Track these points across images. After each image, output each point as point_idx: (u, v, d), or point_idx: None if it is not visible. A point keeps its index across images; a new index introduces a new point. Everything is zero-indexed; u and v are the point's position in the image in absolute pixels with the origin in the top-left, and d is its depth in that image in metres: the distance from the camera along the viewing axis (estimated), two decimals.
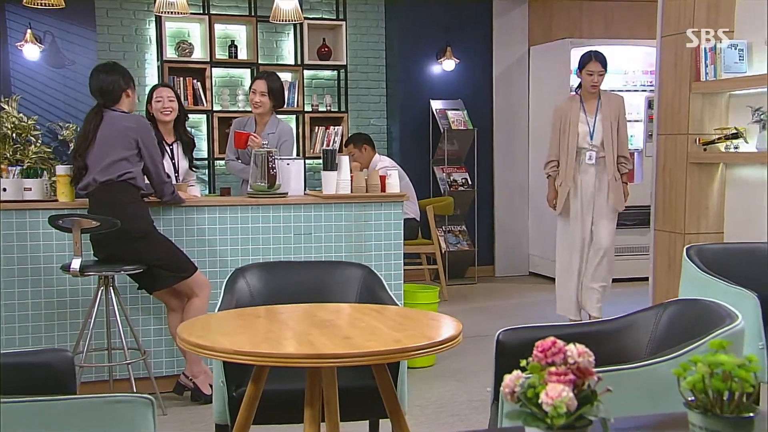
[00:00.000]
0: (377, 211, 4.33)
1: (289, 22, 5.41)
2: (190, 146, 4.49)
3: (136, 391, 3.67)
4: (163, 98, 4.33)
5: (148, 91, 4.53)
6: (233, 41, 6.94)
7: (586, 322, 4.55)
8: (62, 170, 3.92)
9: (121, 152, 3.72)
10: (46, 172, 4.19)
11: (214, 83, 6.88)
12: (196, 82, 6.77)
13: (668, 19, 5.09)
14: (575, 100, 5.30)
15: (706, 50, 4.75)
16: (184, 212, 4.09)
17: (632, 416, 1.50)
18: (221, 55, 6.90)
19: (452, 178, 7.38)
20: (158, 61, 6.75)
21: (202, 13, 6.80)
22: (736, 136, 4.68)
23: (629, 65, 7.41)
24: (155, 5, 4.86)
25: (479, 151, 7.41)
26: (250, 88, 4.86)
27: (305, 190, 4.55)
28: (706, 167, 4.92)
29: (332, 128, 7.16)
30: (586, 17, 7.77)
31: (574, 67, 7.20)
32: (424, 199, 6.93)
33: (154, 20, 6.75)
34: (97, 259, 3.79)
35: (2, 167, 4.18)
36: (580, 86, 5.33)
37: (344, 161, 4.32)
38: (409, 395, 3.01)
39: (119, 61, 5.84)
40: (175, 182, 4.20)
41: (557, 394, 1.17)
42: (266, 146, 4.33)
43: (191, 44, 6.82)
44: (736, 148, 4.74)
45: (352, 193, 4.29)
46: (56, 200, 3.95)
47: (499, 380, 1.24)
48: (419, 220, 6.50)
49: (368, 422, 2.88)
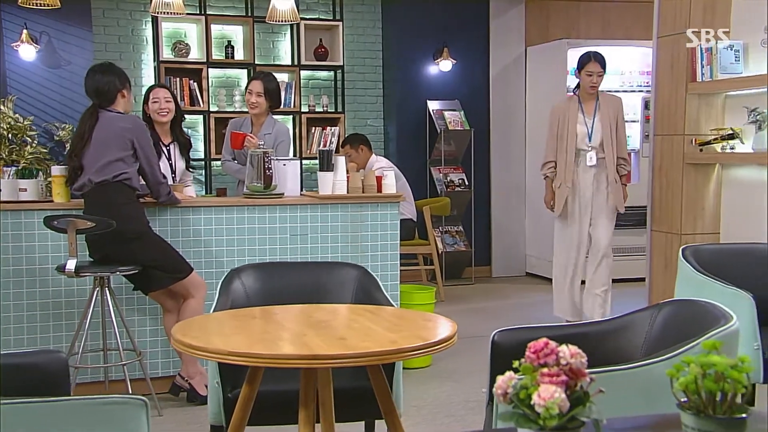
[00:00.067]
0: (373, 211, 4.33)
1: (285, 22, 5.41)
2: (186, 147, 4.49)
3: (131, 392, 3.67)
4: (159, 99, 4.32)
5: (144, 91, 4.52)
6: (230, 42, 6.94)
7: (581, 322, 4.54)
8: (57, 171, 3.91)
9: (116, 153, 3.71)
10: (41, 172, 4.19)
11: (210, 84, 6.87)
12: (192, 82, 6.76)
13: (664, 19, 5.10)
14: (573, 100, 5.28)
15: (702, 51, 4.75)
16: (179, 213, 4.08)
17: (625, 417, 1.50)
18: (218, 55, 6.89)
19: (449, 178, 7.37)
20: (155, 61, 6.74)
21: (198, 13, 6.80)
22: (732, 136, 4.69)
23: (626, 66, 7.42)
24: (151, 5, 4.86)
25: (476, 151, 7.41)
26: (246, 88, 4.86)
27: (302, 190, 4.55)
28: (702, 168, 4.93)
29: (329, 129, 7.15)
30: (583, 18, 7.77)
31: (571, 67, 7.21)
32: (420, 199, 6.92)
33: (150, 21, 6.74)
34: (92, 259, 3.79)
35: None
36: (578, 87, 5.30)
37: (340, 162, 4.32)
38: (405, 396, 3.01)
39: (115, 61, 5.83)
40: (171, 183, 4.19)
41: (549, 395, 1.16)
42: (262, 147, 4.33)
43: (188, 45, 6.81)
44: (732, 148, 4.75)
45: (348, 193, 4.29)
46: (51, 201, 3.94)
47: (494, 381, 1.24)
48: (416, 220, 6.50)
49: (364, 423, 2.88)
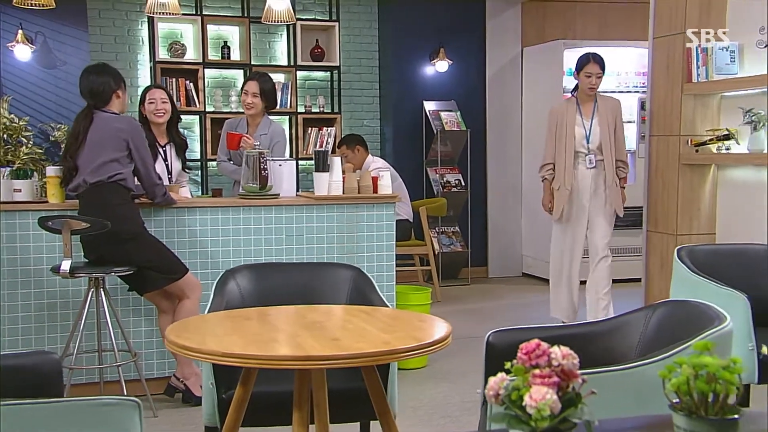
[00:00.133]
0: (369, 212, 4.33)
1: (281, 23, 5.40)
2: (182, 147, 4.48)
3: (126, 393, 3.66)
4: (156, 100, 4.31)
5: (140, 92, 4.51)
6: (226, 42, 6.93)
7: (577, 323, 4.54)
8: (52, 171, 3.90)
9: (111, 153, 3.70)
10: (36, 173, 4.18)
11: (206, 84, 6.87)
12: (188, 83, 6.76)
13: (660, 20, 5.10)
14: (572, 102, 5.23)
15: (697, 51, 4.75)
16: (175, 213, 4.07)
17: (617, 418, 1.50)
18: (214, 56, 6.88)
19: (445, 179, 7.37)
20: (151, 62, 6.74)
21: (194, 14, 6.79)
22: (727, 137, 4.69)
23: (622, 66, 7.42)
24: (146, 6, 4.85)
25: (472, 152, 7.41)
26: (242, 89, 4.85)
27: (298, 191, 4.54)
28: (698, 168, 4.93)
29: (325, 129, 7.15)
30: (579, 18, 7.77)
31: (567, 68, 7.21)
32: (417, 200, 6.92)
33: (146, 21, 6.74)
34: (87, 260, 3.78)
35: None
36: (576, 88, 5.25)
37: (336, 162, 4.31)
38: (401, 396, 3.01)
39: (111, 62, 5.84)
40: (167, 184, 4.18)
41: (541, 396, 1.16)
42: (258, 147, 4.32)
43: (184, 45, 6.81)
44: (727, 149, 4.75)
45: (343, 194, 4.29)
46: (46, 201, 3.93)
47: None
48: (412, 221, 6.50)
49: (359, 424, 2.87)
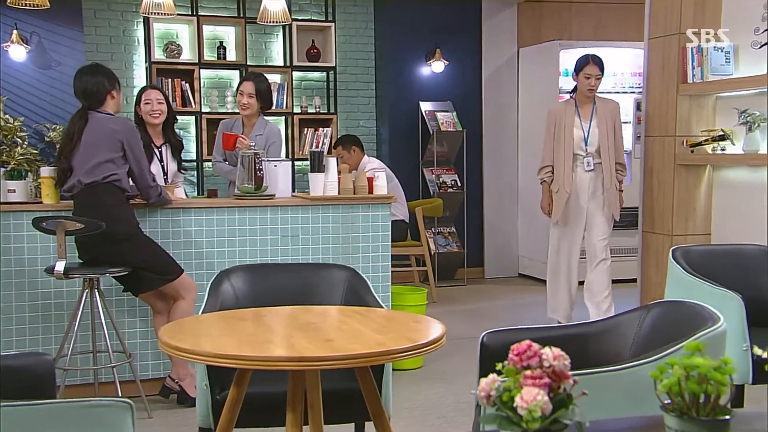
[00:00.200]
0: (365, 213, 4.32)
1: (276, 23, 5.39)
2: (178, 148, 4.48)
3: (121, 394, 3.66)
4: (152, 101, 4.31)
5: (136, 92, 4.51)
6: (222, 42, 6.93)
7: (571, 324, 4.54)
8: (46, 172, 3.89)
9: (106, 154, 3.69)
10: (30, 173, 4.17)
11: (202, 85, 6.86)
12: (184, 83, 6.75)
13: (656, 21, 5.10)
14: (570, 104, 5.20)
15: (693, 52, 4.76)
16: (170, 214, 4.07)
17: (609, 419, 1.50)
18: (210, 56, 6.87)
19: (441, 179, 7.37)
20: (146, 62, 6.72)
21: (190, 14, 6.78)
22: (722, 138, 4.70)
23: (618, 67, 7.42)
24: (142, 6, 4.84)
25: (468, 152, 7.41)
26: (237, 89, 4.85)
27: (293, 191, 4.53)
28: (693, 169, 4.93)
29: (321, 130, 7.15)
30: (575, 19, 7.78)
31: (563, 68, 7.22)
32: (413, 200, 6.92)
33: (142, 21, 6.72)
34: (81, 261, 3.77)
35: None
36: (574, 90, 5.22)
37: (331, 163, 4.31)
38: (397, 397, 3.00)
39: (107, 62, 5.84)
40: (163, 184, 4.17)
41: (532, 397, 1.16)
42: (254, 148, 4.32)
43: (179, 45, 6.80)
44: (722, 150, 4.76)
45: (339, 194, 4.28)
46: (41, 202, 3.92)
47: None
48: (408, 221, 6.50)
49: (354, 425, 2.87)
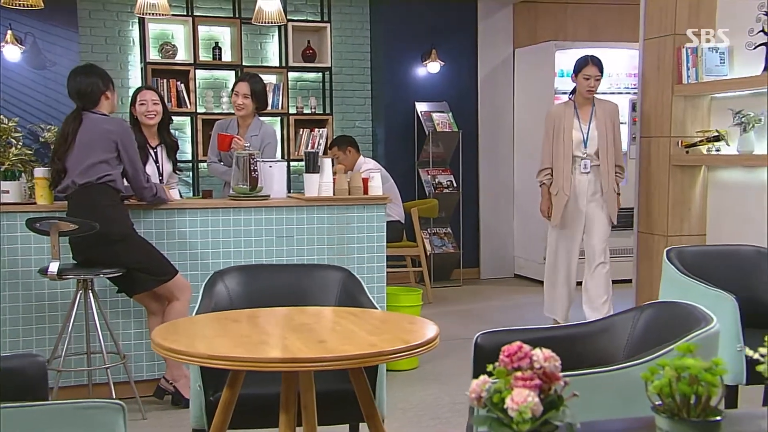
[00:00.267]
0: (360, 213, 4.32)
1: (271, 23, 5.38)
2: (173, 149, 4.47)
3: (115, 395, 3.65)
4: (147, 101, 4.30)
5: (131, 93, 4.50)
6: (217, 43, 6.92)
7: (565, 325, 4.53)
8: (40, 173, 3.88)
9: (100, 155, 3.69)
10: (25, 174, 4.16)
11: (197, 85, 6.85)
12: (179, 84, 6.74)
13: (651, 21, 5.10)
14: (569, 105, 5.17)
15: (687, 53, 4.77)
16: (165, 215, 4.06)
17: (599, 421, 1.49)
18: (205, 56, 6.86)
19: (437, 180, 7.37)
20: (141, 62, 6.71)
21: (185, 14, 6.78)
22: (717, 138, 4.70)
23: (613, 68, 7.42)
24: (136, 6, 4.83)
25: (464, 153, 7.41)
26: (232, 90, 4.84)
27: (289, 192, 4.52)
28: (688, 170, 4.94)
29: (317, 130, 7.14)
30: (570, 20, 7.78)
31: (558, 69, 7.23)
32: (409, 201, 6.91)
33: (137, 22, 6.72)
34: (75, 262, 3.76)
35: None
36: (573, 91, 5.20)
37: (326, 163, 4.31)
38: (392, 398, 3.00)
39: (102, 62, 5.83)
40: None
41: (522, 399, 1.16)
42: (248, 148, 4.31)
43: (175, 46, 6.79)
44: (717, 150, 4.76)
45: (334, 195, 4.28)
46: (34, 203, 3.91)
47: None
48: (404, 222, 6.49)
49: (348, 426, 2.86)
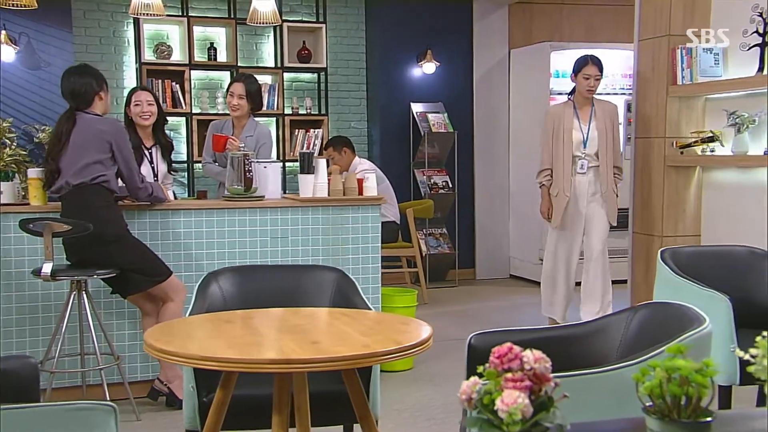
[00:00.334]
0: (354, 214, 4.32)
1: (266, 24, 5.38)
2: (168, 149, 4.46)
3: (109, 396, 3.64)
4: (142, 102, 4.29)
5: (126, 94, 4.49)
6: (212, 43, 6.91)
7: (558, 326, 4.53)
8: (34, 173, 3.87)
9: (94, 155, 3.68)
10: (18, 175, 4.15)
11: (193, 86, 6.84)
12: (174, 84, 6.73)
13: (645, 22, 5.11)
14: (569, 106, 5.15)
15: (682, 54, 4.77)
16: (159, 215, 4.05)
17: (590, 422, 1.49)
18: (200, 57, 6.86)
19: (433, 180, 7.37)
20: (136, 63, 6.70)
21: (180, 15, 6.77)
22: (711, 139, 4.71)
23: (609, 69, 7.37)
24: (131, 7, 4.82)
25: (460, 153, 7.41)
26: (227, 90, 4.83)
27: (284, 193, 4.52)
28: (683, 170, 4.94)
29: (312, 131, 7.14)
30: (566, 21, 7.79)
31: (554, 70, 7.23)
32: (404, 201, 6.91)
33: (132, 22, 6.70)
34: (69, 263, 3.75)
35: None
36: (572, 91, 5.19)
37: (321, 164, 4.30)
38: (386, 399, 2.99)
39: (96, 63, 5.81)
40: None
41: (512, 400, 1.15)
42: (243, 149, 4.31)
43: (170, 46, 6.78)
44: (712, 151, 4.77)
45: (329, 196, 4.28)
46: (28, 204, 3.90)
47: None
48: (399, 223, 6.49)
49: (342, 427, 2.86)
